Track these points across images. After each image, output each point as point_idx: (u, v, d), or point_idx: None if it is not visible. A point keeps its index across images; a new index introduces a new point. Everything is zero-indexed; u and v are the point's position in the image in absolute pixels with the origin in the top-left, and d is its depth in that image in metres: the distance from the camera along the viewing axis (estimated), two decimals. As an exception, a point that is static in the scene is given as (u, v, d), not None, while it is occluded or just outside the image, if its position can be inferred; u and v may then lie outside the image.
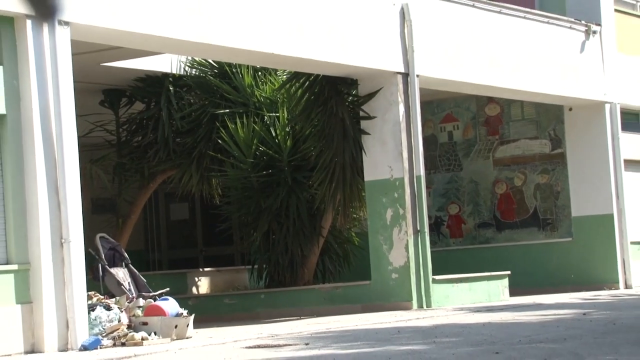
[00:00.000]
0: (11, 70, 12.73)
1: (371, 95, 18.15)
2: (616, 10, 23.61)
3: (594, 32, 22.58)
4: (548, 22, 21.60)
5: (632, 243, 22.98)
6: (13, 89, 12.73)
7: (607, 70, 22.92)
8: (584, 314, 15.39)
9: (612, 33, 23.20)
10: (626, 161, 23.14)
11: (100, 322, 13.42)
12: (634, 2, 24.76)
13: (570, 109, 22.91)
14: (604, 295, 20.44)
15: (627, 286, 22.46)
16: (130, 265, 15.56)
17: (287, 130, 19.16)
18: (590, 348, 10.35)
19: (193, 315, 14.42)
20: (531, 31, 21.14)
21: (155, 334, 13.60)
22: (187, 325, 14.04)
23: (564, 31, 21.94)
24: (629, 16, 24.39)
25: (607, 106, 22.88)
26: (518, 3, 21.60)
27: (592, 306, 17.10)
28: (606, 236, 22.59)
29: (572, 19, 22.24)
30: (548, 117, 23.22)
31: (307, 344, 12.18)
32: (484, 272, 20.30)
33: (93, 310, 13.51)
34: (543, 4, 22.87)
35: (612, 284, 22.36)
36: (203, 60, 19.48)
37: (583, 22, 22.36)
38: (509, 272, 20.39)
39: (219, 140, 19.17)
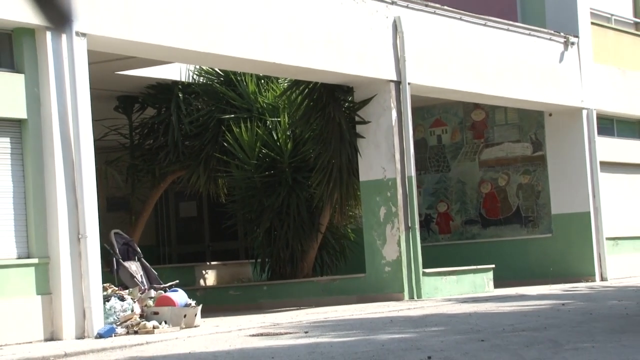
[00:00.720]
0: (32, 78, 12.77)
1: (366, 102, 18.17)
2: (592, 23, 23.63)
3: (572, 44, 22.60)
4: (529, 34, 21.63)
5: (608, 239, 23.01)
6: (34, 95, 12.76)
7: (584, 78, 22.95)
8: (563, 304, 15.41)
9: (588, 44, 23.22)
10: (602, 163, 23.15)
11: (114, 311, 13.44)
12: (609, 16, 24.77)
13: (550, 115, 22.94)
14: (581, 287, 20.45)
15: (602, 279, 22.48)
16: (143, 259, 15.57)
17: (288, 134, 19.18)
18: (569, 336, 10.37)
19: (201, 306, 14.44)
20: (514, 42, 21.17)
21: (165, 322, 13.61)
22: (195, 315, 14.06)
23: (544, 42, 21.96)
24: (605, 29, 24.40)
25: (584, 112, 22.91)
26: (501, 16, 21.61)
27: (571, 297, 17.12)
28: (583, 232, 22.61)
29: (552, 31, 22.26)
30: (529, 122, 23.23)
31: (306, 332, 12.20)
32: (470, 265, 20.33)
33: (108, 300, 13.53)
34: (525, 16, 22.89)
35: (589, 276, 22.37)
36: (210, 69, 19.49)
37: (562, 34, 22.39)
38: (493, 266, 20.41)
39: (225, 143, 19.18)
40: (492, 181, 23.55)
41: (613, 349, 8.99)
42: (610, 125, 24.33)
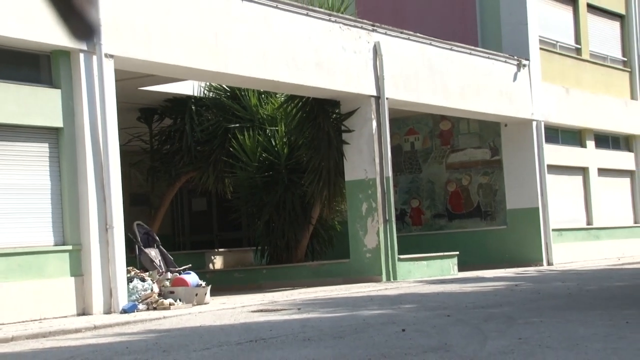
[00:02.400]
0: (67, 93, 12.76)
1: (350, 114, 18.17)
2: (541, 49, 23.69)
3: (524, 65, 22.65)
4: (488, 57, 21.66)
5: (553, 230, 23.07)
6: (68, 107, 12.75)
7: (534, 95, 23.00)
8: (516, 285, 15.43)
9: (537, 66, 23.27)
10: (548, 166, 23.25)
11: (136, 291, 13.43)
12: (555, 42, 24.81)
13: (506, 125, 22.98)
14: (531, 271, 20.51)
15: (549, 264, 22.55)
16: (161, 246, 15.56)
17: (284, 140, 19.18)
18: (521, 312, 10.39)
19: (210, 286, 14.42)
20: (475, 64, 21.20)
21: (180, 300, 13.61)
22: (205, 294, 14.05)
23: (500, 64, 22.00)
24: (551, 53, 24.47)
25: (534, 123, 22.96)
26: (464, 41, 21.64)
27: (522, 279, 17.15)
28: (533, 224, 22.67)
29: (507, 55, 22.30)
30: (488, 131, 23.27)
31: (299, 309, 12.19)
32: (438, 252, 20.33)
33: (131, 281, 13.52)
34: (484, 42, 22.92)
35: (538, 262, 22.44)
36: (218, 86, 19.46)
37: (515, 57, 22.43)
38: (457, 253, 20.42)
39: (231, 149, 19.18)
40: (456, 181, 23.58)
41: (558, 323, 9.00)
42: (555, 134, 24.40)
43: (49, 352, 8.65)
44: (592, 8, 26.38)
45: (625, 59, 27.97)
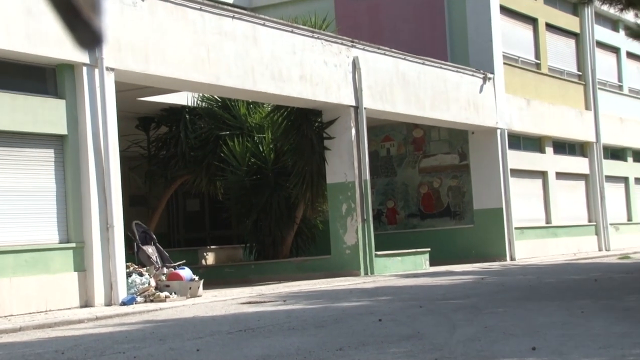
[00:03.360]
0: (71, 103, 12.71)
1: (331, 122, 18.17)
2: (505, 63, 23.79)
3: (489, 79, 22.73)
4: (457, 71, 21.72)
5: (516, 228, 23.16)
6: (72, 116, 12.70)
7: (498, 105, 23.08)
8: (482, 278, 15.48)
9: (501, 79, 23.37)
10: (511, 170, 23.32)
11: (135, 285, 13.38)
12: (517, 58, 24.92)
13: (473, 133, 23.06)
14: (495, 265, 20.58)
15: (512, 259, 22.62)
16: (157, 244, 15.50)
17: (271, 147, 19.16)
18: (487, 303, 10.41)
19: (202, 280, 14.38)
20: (445, 77, 21.26)
21: (175, 293, 13.57)
22: (198, 287, 14.00)
23: (468, 77, 22.07)
24: (513, 67, 24.57)
25: (499, 131, 23.04)
26: (435, 56, 21.69)
27: (487, 273, 17.20)
28: (497, 223, 22.74)
29: (474, 69, 22.38)
30: (457, 138, 23.33)
31: (284, 301, 12.17)
32: (411, 249, 20.37)
33: (130, 276, 13.47)
34: (453, 57, 22.98)
35: (502, 257, 22.50)
36: (210, 96, 19.43)
37: (481, 71, 22.51)
38: (429, 249, 20.46)
39: (222, 154, 19.14)
40: (428, 184, 23.62)
41: (520, 313, 9.03)
42: (517, 141, 24.49)
43: (55, 341, 8.61)
44: (550, 27, 26.52)
45: (580, 73, 28.13)
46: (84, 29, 1.23)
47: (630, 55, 31.01)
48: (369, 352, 6.53)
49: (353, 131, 18.09)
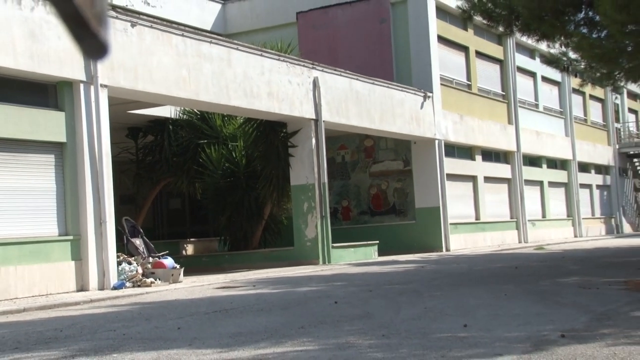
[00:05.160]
0: (69, 115, 12.55)
1: (295, 133, 18.15)
2: (441, 84, 23.97)
3: (429, 97, 22.89)
4: (401, 90, 21.84)
5: (450, 224, 23.32)
6: (71, 126, 12.54)
7: (436, 120, 23.24)
8: (422, 267, 15.56)
9: (439, 98, 23.54)
10: (447, 175, 23.50)
11: (124, 272, 13.24)
12: (452, 79, 25.12)
13: (415, 143, 23.19)
14: (433, 255, 20.71)
15: (447, 250, 22.79)
16: (144, 237, 15.33)
17: (243, 153, 19.09)
18: (426, 287, 10.46)
19: (183, 268, 14.26)
20: (391, 94, 21.35)
21: (159, 279, 13.45)
22: (179, 274, 13.89)
23: (410, 95, 22.20)
24: (449, 87, 24.77)
25: (437, 141, 23.20)
26: (383, 77, 21.79)
27: (427, 262, 17.31)
28: (435, 220, 22.90)
29: (416, 88, 22.52)
30: (402, 147, 23.46)
31: (254, 286, 12.12)
32: (363, 241, 20.42)
33: (120, 264, 13.33)
34: (398, 77, 23.10)
35: (438, 248, 22.66)
36: (191, 110, 19.32)
37: (422, 90, 22.66)
38: (377, 242, 20.54)
39: (200, 159, 19.06)
40: (377, 186, 23.71)
41: (454, 295, 9.09)
42: (452, 150, 24.69)
43: (54, 321, 8.47)
44: (479, 54, 26.79)
45: (504, 93, 28.44)
46: (92, 40, 1.20)
47: (545, 79, 31.45)
48: (327, 330, 6.52)
49: (313, 141, 18.09)
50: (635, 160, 39.29)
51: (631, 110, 40.37)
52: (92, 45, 1.19)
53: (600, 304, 7.59)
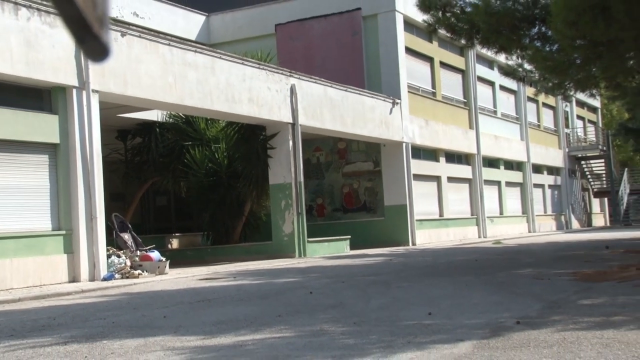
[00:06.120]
0: (63, 118, 12.43)
1: (273, 136, 18.12)
2: (409, 91, 24.07)
3: (397, 103, 22.97)
4: (372, 96, 21.89)
5: (417, 220, 23.43)
6: (64, 129, 12.42)
7: (404, 124, 23.34)
8: (391, 259, 15.61)
9: (406, 104, 23.63)
10: (414, 175, 23.60)
11: (113, 264, 13.13)
12: (418, 87, 25.23)
13: (384, 145, 23.26)
14: (401, 249, 20.78)
15: (413, 244, 22.88)
16: (132, 232, 15.22)
17: (225, 155, 19.02)
18: (394, 278, 10.50)
19: (169, 261, 14.19)
20: (363, 101, 21.39)
21: (146, 271, 13.36)
22: (165, 267, 13.82)
23: (381, 102, 22.26)
24: (415, 95, 24.88)
25: (404, 144, 23.29)
26: (355, 84, 21.84)
27: (395, 255, 17.37)
28: (402, 216, 22.99)
29: (385, 95, 22.59)
30: (372, 150, 23.51)
31: (235, 277, 12.09)
32: (336, 236, 20.45)
33: (109, 257, 13.21)
34: (370, 85, 23.16)
35: (406, 243, 22.76)
36: (176, 114, 19.21)
37: (391, 97, 22.73)
38: (349, 237, 20.58)
39: (185, 160, 18.96)
40: (349, 185, 23.74)
41: (420, 286, 9.13)
42: (418, 152, 24.80)
43: (48, 310, 8.37)
44: (443, 64, 26.94)
45: (465, 101, 28.64)
46: (94, 42, 1.18)
47: (502, 87, 31.72)
48: (303, 318, 6.52)
49: (290, 143, 18.08)
50: (583, 162, 39.79)
51: (579, 117, 40.90)
52: (94, 47, 1.18)
53: (551, 294, 7.68)
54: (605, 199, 42.57)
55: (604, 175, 39.92)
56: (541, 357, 4.19)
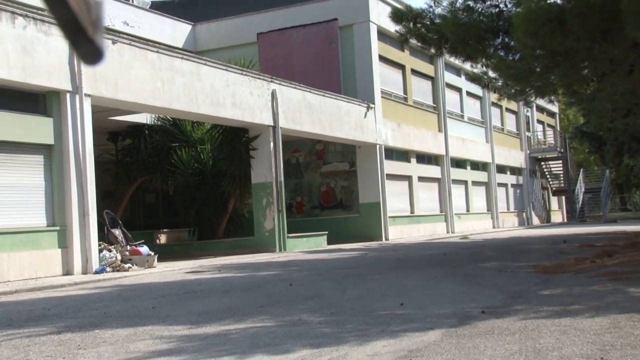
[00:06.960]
0: (57, 120, 12.32)
1: (255, 138, 18.09)
2: (382, 97, 24.15)
3: (371, 107, 23.03)
4: (348, 101, 21.93)
5: (390, 217, 23.51)
6: (58, 131, 12.31)
7: (378, 127, 23.40)
8: (365, 254, 15.65)
9: (380, 108, 23.71)
10: (387, 175, 23.66)
11: (105, 258, 13.03)
12: (391, 93, 25.31)
13: (360, 147, 23.31)
14: (375, 244, 20.84)
15: (386, 239, 22.95)
16: (123, 227, 15.11)
17: (210, 155, 18.95)
18: (368, 271, 10.54)
19: (157, 255, 14.12)
20: (339, 105, 21.42)
21: (135, 265, 13.28)
22: (154, 261, 13.75)
23: (356, 106, 22.31)
24: (388, 100, 24.96)
25: (378, 146, 23.36)
26: (332, 89, 21.86)
27: (369, 250, 17.42)
28: (376, 213, 23.05)
29: (360, 100, 22.64)
30: (348, 151, 23.55)
31: (219, 271, 12.05)
32: (314, 232, 20.46)
33: (101, 252, 13.12)
34: (346, 90, 23.20)
35: (379, 238, 22.83)
36: (164, 117, 19.09)
37: (365, 102, 22.79)
38: (327, 232, 20.61)
39: (172, 160, 18.86)
40: (327, 184, 23.75)
41: (393, 278, 9.17)
42: (391, 154, 24.88)
43: (43, 301, 8.29)
44: (414, 71, 27.06)
45: (435, 105, 28.80)
46: (88, 46, 1.17)
47: (469, 93, 31.94)
48: (283, 308, 6.53)
49: (271, 144, 18.05)
50: (542, 163, 40.23)
51: (539, 121, 41.32)
52: (88, 51, 1.16)
53: (514, 285, 7.76)
54: (563, 197, 43.08)
55: (561, 175, 40.40)
56: (505, 344, 4.24)
